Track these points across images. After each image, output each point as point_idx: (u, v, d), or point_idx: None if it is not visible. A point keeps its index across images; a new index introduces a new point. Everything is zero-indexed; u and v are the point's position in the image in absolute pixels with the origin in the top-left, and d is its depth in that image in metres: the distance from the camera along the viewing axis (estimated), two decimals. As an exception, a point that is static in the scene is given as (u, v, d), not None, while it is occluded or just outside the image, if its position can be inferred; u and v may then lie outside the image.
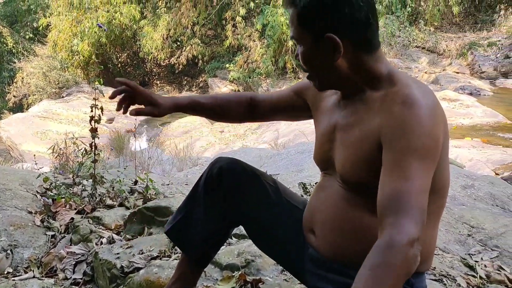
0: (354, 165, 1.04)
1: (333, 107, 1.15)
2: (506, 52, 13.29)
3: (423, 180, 0.91)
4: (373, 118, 1.01)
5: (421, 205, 0.89)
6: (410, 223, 0.86)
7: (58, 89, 15.03)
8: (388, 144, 0.95)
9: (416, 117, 0.93)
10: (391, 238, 0.85)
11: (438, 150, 0.95)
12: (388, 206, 0.89)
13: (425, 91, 0.99)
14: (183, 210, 1.33)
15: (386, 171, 0.94)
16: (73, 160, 3.53)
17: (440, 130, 0.96)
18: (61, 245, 2.08)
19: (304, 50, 1.06)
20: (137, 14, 16.13)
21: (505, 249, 1.88)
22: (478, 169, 5.35)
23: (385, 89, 1.02)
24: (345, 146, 1.07)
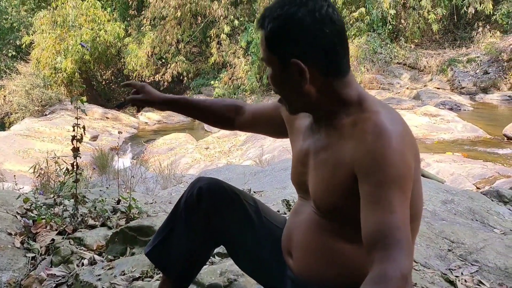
0: (326, 191, 1.05)
1: (307, 130, 1.15)
2: (485, 68, 13.65)
3: (404, 210, 0.92)
4: (344, 145, 1.02)
5: (408, 236, 0.90)
6: (402, 256, 0.87)
7: (41, 107, 14.88)
8: (364, 177, 0.96)
9: (387, 147, 0.94)
10: (385, 272, 0.86)
11: (411, 176, 0.96)
12: (376, 240, 0.90)
13: (394, 117, 1.01)
14: (164, 231, 1.33)
15: (367, 205, 0.94)
16: (54, 179, 3.49)
17: (411, 156, 0.98)
18: (41, 267, 2.05)
19: (272, 73, 1.07)
20: (122, 31, 16.18)
21: (485, 263, 1.91)
22: (459, 184, 5.44)
23: (355, 114, 1.03)
24: (318, 172, 1.08)
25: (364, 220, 0.94)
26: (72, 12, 15.40)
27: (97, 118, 13.71)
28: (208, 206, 1.27)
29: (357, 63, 14.18)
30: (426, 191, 2.81)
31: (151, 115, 15.37)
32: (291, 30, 1.00)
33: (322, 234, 1.09)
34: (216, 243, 1.34)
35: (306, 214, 1.14)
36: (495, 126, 9.07)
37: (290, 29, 1.00)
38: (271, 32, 1.02)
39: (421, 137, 8.76)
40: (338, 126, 1.06)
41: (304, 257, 1.13)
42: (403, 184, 0.93)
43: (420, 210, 1.09)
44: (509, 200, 2.86)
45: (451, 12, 15.30)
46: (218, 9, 14.79)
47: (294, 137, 1.21)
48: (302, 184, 1.15)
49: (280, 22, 1.01)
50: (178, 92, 17.62)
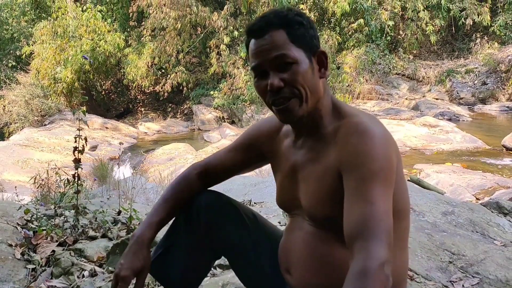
0: (319, 200, 1.06)
1: (289, 149, 1.17)
2: (483, 79, 13.72)
3: (385, 202, 0.93)
4: (330, 152, 1.04)
5: (387, 227, 0.91)
6: (379, 246, 0.88)
7: (41, 117, 14.90)
8: (348, 173, 0.98)
9: (370, 143, 0.97)
10: (363, 264, 0.87)
11: (394, 172, 0.98)
12: (355, 232, 0.92)
13: (373, 119, 1.05)
14: (164, 244, 1.32)
15: (349, 199, 0.96)
16: (55, 190, 3.49)
17: (393, 153, 1.00)
18: (41, 279, 2.04)
19: (298, 68, 1.04)
20: (122, 42, 16.25)
21: (485, 275, 1.91)
22: (459, 194, 5.44)
23: (335, 122, 1.07)
24: (308, 183, 1.09)
25: (346, 214, 0.95)
26: (72, 22, 15.50)
27: (97, 128, 13.72)
28: (207, 220, 1.27)
29: (356, 73, 14.26)
30: (427, 202, 2.82)
31: (150, 125, 15.40)
32: (312, 24, 1.08)
33: (320, 245, 1.09)
34: (216, 256, 1.34)
35: (301, 229, 1.14)
36: (494, 137, 9.10)
37: (312, 22, 1.08)
38: (300, 25, 1.06)
39: (421, 148, 8.78)
40: (320, 136, 1.09)
41: (304, 272, 1.13)
42: (385, 177, 0.95)
43: (407, 209, 1.10)
44: (509, 211, 2.87)
45: (449, 24, 15.42)
46: (217, 20, 14.89)
47: (278, 161, 1.21)
48: (294, 200, 1.15)
49: (303, 16, 1.08)
50: (178, 102, 17.69)
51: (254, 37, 1.07)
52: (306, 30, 1.06)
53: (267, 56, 1.05)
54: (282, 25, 1.05)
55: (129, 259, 1.18)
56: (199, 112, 15.20)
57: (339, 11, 14.09)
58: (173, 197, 1.29)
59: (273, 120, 1.24)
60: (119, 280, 1.16)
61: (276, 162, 1.22)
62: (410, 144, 8.91)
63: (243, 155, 1.29)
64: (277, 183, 1.22)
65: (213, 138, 12.85)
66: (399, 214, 1.04)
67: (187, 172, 1.34)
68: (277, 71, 1.04)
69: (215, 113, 15.02)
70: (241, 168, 1.33)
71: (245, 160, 1.30)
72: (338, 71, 13.98)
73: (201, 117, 14.97)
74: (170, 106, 17.87)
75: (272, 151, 1.23)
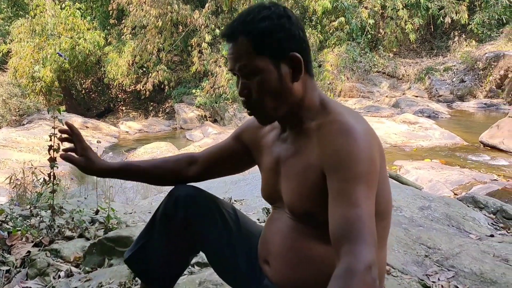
0: (300, 196, 1.06)
1: (274, 142, 1.18)
2: (461, 76, 13.97)
3: (369, 204, 0.94)
4: (313, 148, 1.04)
5: (372, 230, 0.92)
6: (366, 249, 0.88)
7: (19, 117, 14.60)
8: (332, 174, 0.98)
9: (353, 144, 0.97)
10: (349, 266, 0.87)
11: (377, 172, 0.99)
12: (341, 235, 0.92)
13: (357, 117, 1.05)
14: (143, 238, 1.32)
15: (334, 201, 0.96)
16: (31, 190, 3.42)
17: (376, 152, 1.00)
18: (16, 281, 2.00)
19: (262, 79, 1.04)
20: (102, 40, 16.03)
21: (461, 269, 1.94)
22: (437, 190, 5.53)
23: (320, 118, 1.06)
24: (290, 178, 1.10)
25: (331, 215, 0.96)
26: (51, 20, 15.21)
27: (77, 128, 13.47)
28: (185, 214, 1.27)
29: (337, 71, 14.36)
30: (404, 197, 2.86)
31: (132, 124, 15.23)
32: (285, 24, 1.04)
33: (299, 239, 1.10)
34: (194, 250, 1.34)
35: (281, 221, 1.15)
36: (472, 133, 9.27)
37: (284, 24, 1.04)
38: (263, 32, 1.03)
39: (400, 144, 8.89)
40: (304, 131, 1.09)
41: (282, 263, 1.13)
42: (368, 179, 0.95)
43: (389, 208, 1.11)
44: (485, 205, 2.93)
45: (427, 22, 15.64)
46: (199, 18, 14.81)
47: (262, 155, 1.22)
48: (276, 193, 1.16)
49: (271, 19, 1.03)
50: (160, 101, 17.54)
51: (225, 41, 1.08)
52: (273, 36, 1.03)
53: (234, 64, 1.06)
54: (247, 33, 1.03)
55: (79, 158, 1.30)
56: (181, 111, 15.10)
57: (320, 9, 14.16)
58: (157, 163, 1.35)
59: None
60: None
61: (261, 156, 1.22)
62: (390, 141, 9.01)
63: (229, 146, 1.31)
64: (262, 176, 1.23)
65: (196, 136, 12.79)
66: (381, 214, 1.04)
67: (180, 156, 1.37)
68: (245, 79, 1.06)
69: (197, 112, 14.94)
70: (227, 158, 1.32)
71: (231, 150, 1.30)
72: (320, 69, 14.05)
73: (183, 115, 14.88)
74: (151, 105, 17.72)
75: (257, 145, 1.24)
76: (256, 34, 1.02)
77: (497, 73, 13.08)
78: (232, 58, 1.06)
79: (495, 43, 14.35)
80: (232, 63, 1.07)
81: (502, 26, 14.74)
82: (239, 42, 1.04)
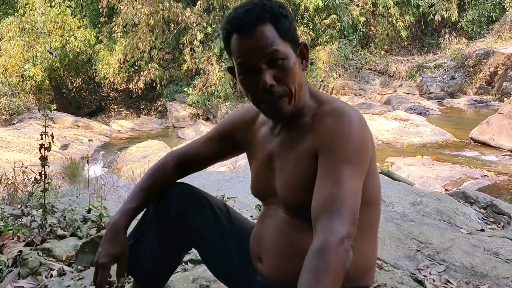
0: (294, 186, 1.07)
1: (266, 137, 1.17)
2: (451, 74, 14.07)
3: (353, 183, 0.95)
4: (307, 137, 1.05)
5: (352, 205, 0.92)
6: (339, 222, 0.90)
7: (9, 116, 14.47)
8: (323, 154, 0.99)
9: (346, 126, 0.98)
10: (322, 240, 0.89)
11: (368, 155, 1.00)
12: (320, 210, 0.93)
13: (350, 106, 1.06)
14: (134, 236, 1.31)
15: (319, 179, 0.97)
16: (22, 189, 3.40)
17: (369, 138, 1.02)
18: (8, 280, 1.99)
19: (290, 64, 1.02)
20: (92, 38, 15.93)
21: (452, 262, 1.96)
22: (429, 186, 5.57)
23: (314, 109, 1.08)
24: (284, 171, 1.10)
25: (314, 193, 0.97)
26: (40, 19, 15.08)
27: (68, 127, 13.41)
28: (177, 211, 1.26)
29: (329, 69, 14.40)
30: (396, 193, 2.88)
31: (123, 123, 15.16)
32: (291, 14, 1.05)
33: (293, 233, 1.10)
34: (187, 247, 1.34)
35: (275, 217, 1.15)
36: (462, 130, 9.34)
37: (290, 13, 1.05)
38: (286, 18, 1.02)
39: (392, 141, 8.94)
40: (298, 125, 1.09)
41: (276, 258, 1.13)
42: (358, 160, 0.96)
43: (378, 197, 1.12)
44: (475, 200, 2.96)
45: (418, 20, 15.74)
46: (190, 16, 14.76)
47: (255, 151, 1.21)
48: (269, 189, 1.16)
49: (286, 8, 1.04)
50: (151, 99, 17.47)
51: (240, 32, 1.02)
52: (291, 23, 1.04)
53: (258, 53, 1.01)
54: (270, 20, 1.01)
55: (105, 246, 1.19)
56: (173, 109, 15.06)
57: (312, 7, 14.18)
58: (149, 185, 1.29)
59: (249, 109, 1.24)
60: (99, 267, 1.17)
61: (252, 151, 1.22)
62: (382, 138, 9.06)
63: (218, 145, 1.29)
64: (252, 172, 1.22)
65: (188, 135, 12.76)
66: (370, 203, 1.05)
67: (163, 161, 1.33)
68: (270, 68, 1.02)
69: (190, 110, 14.91)
70: (217, 157, 1.33)
71: (221, 150, 1.30)
72: (312, 67, 14.07)
73: (175, 114, 14.84)
74: (143, 103, 17.64)
75: (247, 141, 1.23)
76: (279, 20, 1.02)
77: (487, 70, 13.20)
78: (253, 48, 1.01)
79: (485, 40, 14.47)
80: (253, 53, 1.01)
81: (492, 23, 14.87)
82: (262, 29, 1.00)
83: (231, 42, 1.05)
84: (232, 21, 1.03)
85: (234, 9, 1.04)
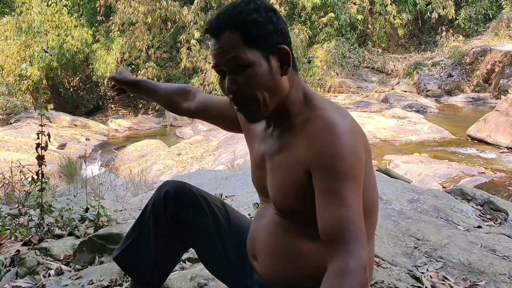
0: (285, 193, 1.06)
1: (261, 134, 1.16)
2: (449, 71, 14.10)
3: (358, 202, 0.94)
4: (297, 144, 1.03)
5: (362, 228, 0.92)
6: (360, 249, 0.89)
7: (6, 116, 14.43)
8: (318, 173, 0.97)
9: (338, 141, 0.96)
10: (345, 265, 0.87)
11: (362, 169, 0.98)
12: (333, 235, 0.92)
13: (341, 112, 1.03)
14: (132, 235, 1.32)
15: (322, 200, 0.95)
16: (19, 189, 3.39)
17: (361, 148, 1.00)
18: (6, 279, 1.99)
19: (253, 72, 1.00)
20: (89, 37, 15.88)
21: (449, 259, 1.97)
22: (426, 183, 5.58)
23: (305, 113, 1.05)
24: (275, 174, 1.09)
25: (320, 215, 0.95)
26: (37, 18, 15.02)
27: (65, 126, 13.38)
28: (175, 209, 1.26)
29: (327, 67, 14.40)
30: (394, 191, 2.88)
31: (121, 122, 15.13)
32: (272, 18, 1.02)
33: (285, 236, 1.10)
34: (184, 246, 1.34)
35: (268, 217, 1.15)
36: (460, 127, 9.37)
37: (271, 17, 1.02)
38: (252, 24, 1.00)
39: (390, 139, 8.95)
40: (289, 127, 1.07)
41: (269, 259, 1.14)
42: (355, 177, 0.95)
43: (375, 204, 1.11)
44: (472, 197, 2.96)
45: (415, 17, 15.75)
46: (188, 15, 14.73)
47: (250, 140, 1.22)
48: (262, 188, 1.16)
49: (259, 12, 1.01)
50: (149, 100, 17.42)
51: (211, 36, 1.03)
52: (263, 28, 1.01)
53: (221, 59, 1.02)
54: (236, 26, 1.00)
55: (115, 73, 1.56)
56: (171, 108, 15.01)
57: (309, 5, 14.18)
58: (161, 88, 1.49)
59: None
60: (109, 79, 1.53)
61: (250, 142, 1.22)
62: (379, 135, 9.07)
63: (226, 106, 1.32)
64: (251, 164, 1.22)
65: (186, 134, 12.75)
66: (368, 210, 1.04)
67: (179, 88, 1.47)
68: (233, 74, 1.02)
69: (187, 109, 14.87)
70: (220, 114, 1.35)
71: (226, 111, 1.32)
72: (309, 65, 14.07)
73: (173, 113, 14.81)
74: (141, 102, 17.61)
75: (247, 130, 1.23)
76: (246, 26, 1.00)
77: (484, 68, 13.23)
78: (218, 53, 1.02)
79: (482, 38, 14.50)
80: (218, 58, 1.02)
81: (489, 21, 14.90)
82: (227, 35, 1.00)
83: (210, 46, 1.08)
84: (206, 23, 1.06)
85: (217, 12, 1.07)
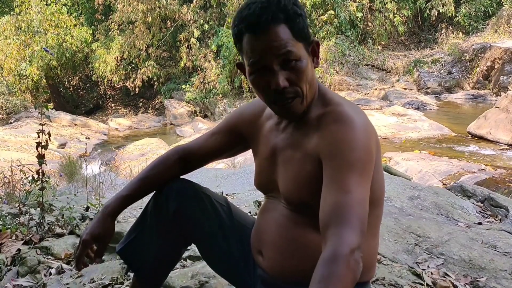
0: (297, 185, 1.06)
1: (271, 132, 1.17)
2: (448, 68, 14.07)
3: (361, 191, 0.94)
4: (311, 138, 1.05)
5: (361, 215, 0.92)
6: (350, 232, 0.89)
7: (6, 115, 14.44)
8: (328, 161, 0.98)
9: (351, 133, 0.97)
10: (333, 249, 0.88)
11: (372, 162, 1.00)
12: (329, 219, 0.92)
13: (356, 109, 1.05)
14: (135, 231, 1.32)
15: (326, 187, 0.97)
16: (20, 188, 3.39)
17: (373, 144, 1.01)
18: (7, 278, 1.99)
19: (302, 65, 1.01)
20: (89, 36, 15.88)
21: (450, 256, 1.97)
22: (426, 180, 5.58)
23: (320, 108, 1.06)
24: (287, 167, 1.09)
25: (322, 200, 0.96)
26: (36, 17, 15.02)
27: (65, 125, 13.38)
28: (177, 206, 1.27)
29: (327, 65, 14.38)
30: (394, 188, 2.88)
31: (121, 121, 15.13)
32: (303, 11, 1.02)
33: (294, 228, 1.10)
34: (186, 242, 1.34)
35: (276, 211, 1.15)
36: (460, 124, 9.35)
37: (302, 10, 1.02)
38: (298, 16, 0.99)
39: (390, 136, 8.95)
40: (303, 122, 1.08)
41: (276, 253, 1.13)
42: (362, 167, 0.96)
43: (381, 197, 1.12)
44: (472, 194, 2.96)
45: (415, 15, 15.72)
46: (187, 13, 14.72)
47: (259, 144, 1.21)
48: (271, 182, 1.16)
49: (299, 4, 1.01)
50: (149, 97, 17.42)
51: (254, 32, 0.98)
52: (304, 21, 1.01)
53: (271, 54, 0.98)
54: (286, 20, 0.98)
55: (92, 225, 1.24)
56: (171, 107, 15.04)
57: (309, 3, 14.15)
58: (149, 177, 1.29)
59: (256, 104, 1.24)
60: (81, 243, 1.22)
61: (257, 144, 1.22)
62: (380, 133, 9.05)
63: (225, 138, 1.29)
64: (256, 165, 1.22)
65: (186, 132, 12.75)
66: (374, 202, 1.05)
67: (166, 155, 1.33)
68: (282, 69, 1.00)
69: (187, 107, 14.89)
70: (223, 151, 1.31)
71: (227, 144, 1.29)
72: (309, 63, 14.03)
73: (173, 111, 14.82)
74: (141, 101, 17.61)
75: (253, 134, 1.23)
76: (294, 19, 0.99)
77: (483, 65, 13.21)
78: (269, 48, 0.98)
79: (481, 35, 14.47)
80: (268, 54, 0.98)
81: (488, 18, 14.87)
82: (279, 29, 0.97)
83: (243, 40, 1.02)
84: (245, 19, 0.99)
85: (247, 5, 1.00)
